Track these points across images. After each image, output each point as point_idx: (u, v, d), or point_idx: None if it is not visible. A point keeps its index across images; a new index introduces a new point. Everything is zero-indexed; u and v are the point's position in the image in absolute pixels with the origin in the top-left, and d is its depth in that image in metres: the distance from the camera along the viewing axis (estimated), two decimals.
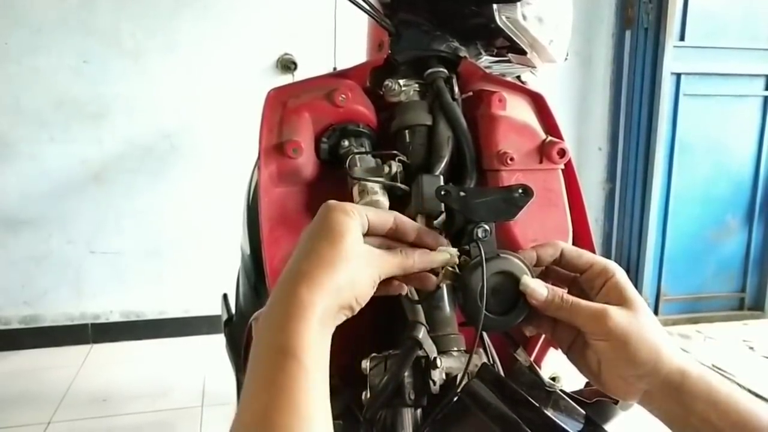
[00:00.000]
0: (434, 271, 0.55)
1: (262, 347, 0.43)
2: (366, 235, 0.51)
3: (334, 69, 1.54)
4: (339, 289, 0.46)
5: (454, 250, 0.54)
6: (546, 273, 0.57)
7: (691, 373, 0.49)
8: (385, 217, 0.53)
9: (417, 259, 0.53)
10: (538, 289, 0.52)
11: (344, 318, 0.48)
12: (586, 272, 0.54)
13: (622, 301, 0.51)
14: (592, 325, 0.50)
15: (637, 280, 2.74)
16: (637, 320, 0.50)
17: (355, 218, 0.49)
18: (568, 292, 0.55)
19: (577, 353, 0.54)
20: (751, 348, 2.55)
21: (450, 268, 0.54)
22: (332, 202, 0.51)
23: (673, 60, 2.53)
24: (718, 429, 0.47)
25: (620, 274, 0.53)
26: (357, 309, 0.48)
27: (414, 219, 0.57)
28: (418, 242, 0.54)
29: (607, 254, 2.91)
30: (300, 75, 2.36)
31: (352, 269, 0.47)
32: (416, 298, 0.61)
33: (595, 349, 0.51)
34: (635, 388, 0.50)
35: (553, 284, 0.55)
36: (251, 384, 0.42)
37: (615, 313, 0.50)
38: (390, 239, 0.54)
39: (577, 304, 0.51)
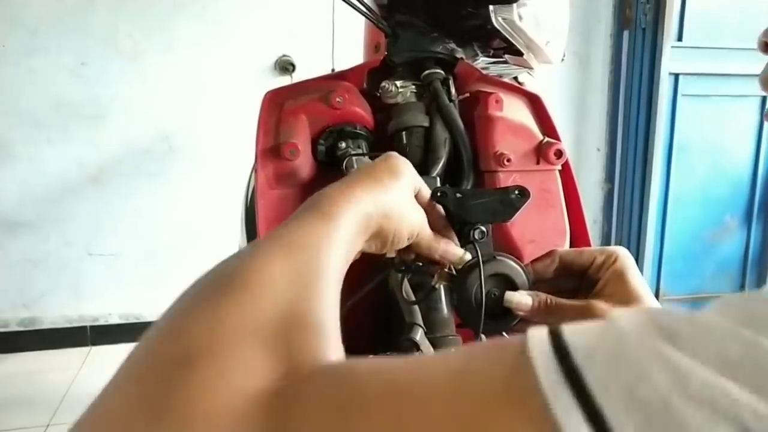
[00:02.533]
0: (430, 274, 0.55)
1: (301, 210, 0.43)
2: None
3: (332, 70, 1.54)
4: (387, 212, 0.45)
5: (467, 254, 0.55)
6: (550, 285, 0.56)
7: None
8: (428, 194, 0.53)
9: (442, 246, 0.53)
10: (522, 300, 0.52)
11: (373, 247, 0.47)
12: (591, 267, 0.53)
13: (616, 291, 0.50)
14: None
15: None
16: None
17: (414, 176, 0.50)
18: (579, 292, 0.55)
19: None
20: None
21: (446, 270, 0.54)
22: (395, 153, 0.51)
23: (671, 60, 2.53)
24: None
25: (621, 261, 0.52)
26: (388, 248, 0.48)
27: None
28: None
29: None
30: (298, 76, 2.36)
31: (403, 205, 0.47)
32: (413, 298, 0.61)
33: None
34: None
35: (559, 293, 0.54)
36: (280, 229, 0.40)
37: (599, 308, 0.49)
38: None
39: (561, 305, 0.51)
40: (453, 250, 0.54)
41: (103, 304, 2.45)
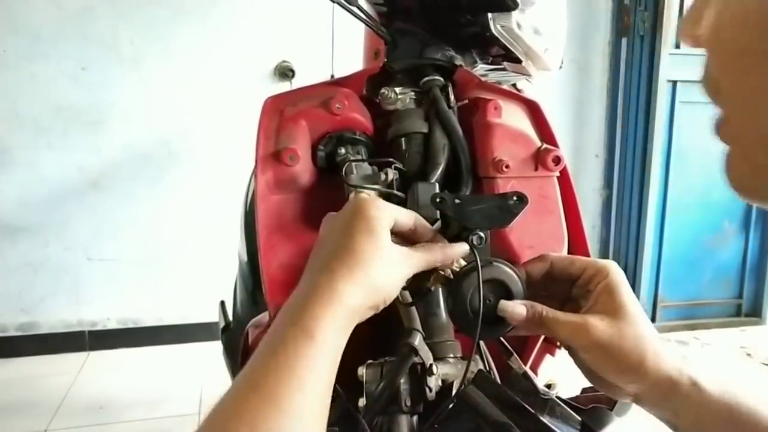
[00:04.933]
0: (426, 277, 0.55)
1: (282, 323, 0.43)
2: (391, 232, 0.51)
3: (332, 76, 1.54)
4: (374, 287, 0.46)
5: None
6: (539, 288, 0.56)
7: (680, 382, 0.48)
8: (409, 218, 0.53)
9: (439, 253, 0.53)
10: (516, 309, 0.52)
11: (368, 316, 0.48)
12: (581, 278, 0.54)
13: (608, 307, 0.50)
14: (572, 339, 0.50)
15: (634, 287, 2.74)
16: (619, 330, 0.49)
17: (387, 216, 0.49)
18: (568, 300, 0.55)
19: (573, 354, 0.54)
20: (749, 354, 2.55)
21: (442, 272, 0.55)
22: (364, 196, 0.52)
23: (668, 67, 2.55)
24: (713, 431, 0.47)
25: (613, 277, 0.52)
26: (382, 308, 0.49)
27: None
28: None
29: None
30: (298, 82, 2.37)
31: (388, 267, 0.47)
32: (409, 300, 0.61)
33: (580, 357, 0.51)
34: (624, 391, 0.51)
35: (548, 298, 0.55)
36: (260, 350, 0.42)
37: (594, 325, 0.49)
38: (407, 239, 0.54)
39: (555, 319, 0.51)
40: (452, 250, 0.53)
41: (102, 309, 2.45)
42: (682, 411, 0.48)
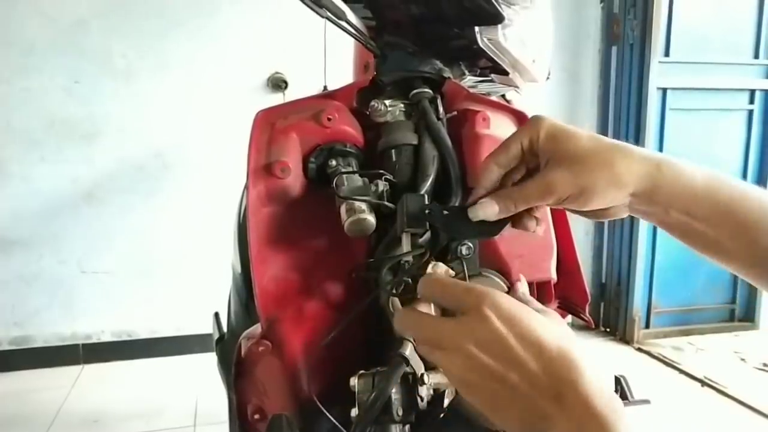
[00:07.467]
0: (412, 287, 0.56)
1: None
2: None
3: (325, 87, 1.56)
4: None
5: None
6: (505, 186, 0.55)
7: (661, 177, 0.49)
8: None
9: None
10: (488, 208, 0.52)
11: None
12: (525, 151, 0.53)
13: (560, 153, 0.50)
14: (548, 198, 0.50)
15: (628, 293, 2.75)
16: (579, 168, 0.49)
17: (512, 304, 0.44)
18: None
19: (570, 210, 0.54)
20: (743, 359, 2.56)
21: None
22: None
23: (658, 75, 2.57)
24: (703, 220, 0.49)
25: (543, 126, 0.52)
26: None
27: (399, 237, 0.58)
28: None
29: (597, 267, 2.92)
30: (291, 93, 2.38)
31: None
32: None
33: (571, 207, 0.52)
34: (618, 210, 0.52)
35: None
36: None
37: (557, 177, 0.49)
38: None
39: (523, 191, 0.51)
40: None
41: (96, 321, 2.44)
42: (673, 203, 0.49)
